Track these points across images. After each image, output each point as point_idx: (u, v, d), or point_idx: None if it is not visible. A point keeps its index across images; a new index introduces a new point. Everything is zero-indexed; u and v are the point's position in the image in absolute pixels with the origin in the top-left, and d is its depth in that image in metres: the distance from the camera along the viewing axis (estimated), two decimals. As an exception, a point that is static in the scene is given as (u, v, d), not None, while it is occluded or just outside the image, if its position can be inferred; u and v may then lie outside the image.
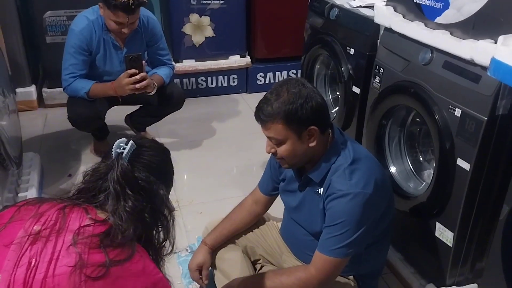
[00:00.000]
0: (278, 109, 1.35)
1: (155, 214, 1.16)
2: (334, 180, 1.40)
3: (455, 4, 1.62)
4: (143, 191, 1.13)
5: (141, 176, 1.14)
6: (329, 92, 2.88)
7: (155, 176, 1.17)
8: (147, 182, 1.15)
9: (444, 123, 1.66)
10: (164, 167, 1.23)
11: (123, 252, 1.01)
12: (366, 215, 1.37)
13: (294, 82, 1.40)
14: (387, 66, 1.99)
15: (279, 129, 1.37)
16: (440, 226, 1.75)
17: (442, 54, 1.68)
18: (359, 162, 1.41)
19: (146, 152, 1.19)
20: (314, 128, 1.38)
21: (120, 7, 2.39)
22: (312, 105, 1.36)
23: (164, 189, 1.19)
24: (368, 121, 2.14)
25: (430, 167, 1.98)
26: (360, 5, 2.41)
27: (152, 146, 1.24)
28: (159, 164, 1.21)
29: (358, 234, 1.37)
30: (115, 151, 1.16)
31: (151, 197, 1.15)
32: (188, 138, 3.25)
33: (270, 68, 3.94)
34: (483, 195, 1.63)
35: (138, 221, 1.09)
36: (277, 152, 1.42)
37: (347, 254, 1.39)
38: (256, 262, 1.75)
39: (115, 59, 2.68)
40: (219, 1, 3.59)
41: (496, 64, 1.34)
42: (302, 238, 1.59)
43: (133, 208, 1.09)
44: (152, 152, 1.21)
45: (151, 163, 1.18)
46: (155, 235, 1.18)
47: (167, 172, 1.26)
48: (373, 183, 1.38)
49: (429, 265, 1.88)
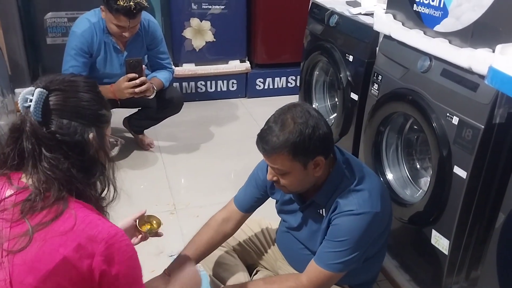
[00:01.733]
0: (285, 142, 1.28)
1: (86, 164, 1.03)
2: (342, 202, 1.36)
3: (454, 12, 1.63)
4: (64, 145, 0.99)
5: (57, 129, 0.99)
6: (327, 98, 2.89)
7: (79, 121, 1.01)
8: (68, 134, 1.00)
9: (441, 130, 1.66)
10: (87, 106, 1.04)
11: (50, 212, 0.95)
12: (369, 235, 1.36)
13: (299, 111, 1.32)
14: (385, 73, 2.00)
15: (285, 160, 1.30)
16: (436, 233, 1.75)
17: (441, 62, 1.69)
18: (364, 181, 1.39)
19: (60, 96, 1.01)
20: (321, 159, 1.34)
21: (122, 11, 2.40)
22: (319, 136, 1.30)
23: (94, 131, 1.04)
24: (366, 128, 2.15)
25: (427, 175, 1.99)
26: (360, 13, 2.43)
27: (67, 85, 1.03)
28: (78, 105, 1.03)
29: (357, 254, 1.36)
30: (22, 105, 0.99)
31: (76, 149, 1.01)
32: (187, 141, 3.25)
33: (270, 74, 3.95)
34: (479, 203, 1.63)
35: (63, 179, 0.98)
36: (280, 181, 1.37)
37: (342, 270, 1.38)
38: (251, 267, 1.75)
39: (116, 62, 2.69)
40: (220, 6, 3.61)
41: (494, 72, 1.35)
42: (299, 251, 1.57)
43: (52, 169, 0.98)
44: (68, 94, 1.02)
45: (69, 108, 1.01)
46: (90, 186, 1.05)
47: (94, 110, 1.06)
48: (380, 201, 1.37)
49: (424, 273, 1.88)
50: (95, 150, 1.05)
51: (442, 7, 1.68)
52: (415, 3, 1.82)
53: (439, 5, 1.69)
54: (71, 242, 0.94)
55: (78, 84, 1.05)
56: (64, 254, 0.93)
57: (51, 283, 0.93)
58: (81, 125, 1.02)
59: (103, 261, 0.96)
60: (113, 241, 0.97)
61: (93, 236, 0.95)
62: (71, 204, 0.98)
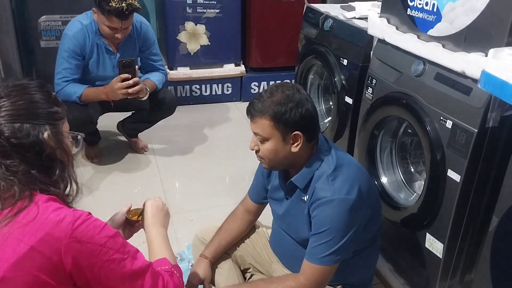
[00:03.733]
0: (268, 107, 1.38)
1: (45, 163, 1.04)
2: (318, 187, 1.41)
3: (447, 17, 1.64)
4: (20, 149, 1.00)
5: (11, 134, 0.99)
6: (322, 102, 2.89)
7: (31, 122, 1.02)
8: (22, 137, 1.00)
9: (435, 134, 1.67)
10: (37, 106, 1.05)
11: (14, 208, 0.97)
12: (351, 221, 1.37)
13: (290, 86, 1.43)
14: (379, 77, 2.01)
15: (266, 125, 1.39)
16: (430, 237, 1.76)
17: (434, 66, 1.70)
18: (342, 168, 1.42)
19: (7, 101, 1.01)
20: (299, 134, 1.40)
21: (114, 13, 2.40)
22: (301, 111, 1.38)
23: (49, 129, 1.04)
24: (360, 132, 2.15)
25: (421, 178, 1.99)
26: (354, 17, 2.44)
27: (13, 89, 1.04)
28: (28, 107, 1.03)
29: (344, 241, 1.37)
30: None
31: (33, 150, 1.01)
32: (181, 145, 3.24)
33: (264, 77, 3.96)
34: (473, 207, 1.64)
35: (24, 181, 0.99)
36: (260, 150, 1.44)
37: (335, 261, 1.39)
38: (246, 271, 1.75)
39: (108, 64, 2.69)
40: (214, 10, 3.61)
41: (487, 76, 1.36)
42: (290, 248, 1.59)
43: (11, 174, 0.99)
44: (16, 97, 1.02)
45: (18, 111, 1.01)
46: (53, 184, 1.05)
47: (44, 108, 1.05)
48: (356, 189, 1.38)
49: (418, 276, 1.88)
50: (52, 149, 1.05)
51: (435, 11, 1.69)
52: (408, 8, 1.83)
53: (433, 9, 1.70)
54: (36, 231, 0.95)
55: (25, 86, 1.06)
56: (30, 244, 0.94)
57: (22, 273, 0.94)
58: (34, 126, 1.02)
59: (73, 243, 0.97)
60: (79, 222, 0.99)
61: (58, 221, 0.97)
62: (36, 197, 0.99)
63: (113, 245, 1.03)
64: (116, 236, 1.06)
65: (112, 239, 1.04)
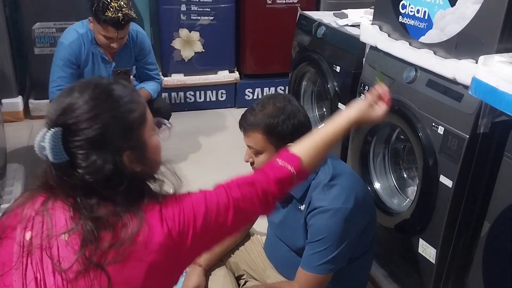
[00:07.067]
0: (260, 120, 1.38)
1: (132, 188, 0.93)
2: (315, 196, 1.41)
3: (438, 24, 1.66)
4: (100, 184, 0.88)
5: (85, 170, 0.86)
6: (315, 108, 2.90)
7: (113, 146, 0.88)
8: (98, 170, 0.86)
9: (427, 140, 1.68)
10: (118, 127, 0.90)
11: (118, 234, 0.88)
12: (347, 230, 1.38)
13: (281, 98, 1.43)
14: (372, 84, 2.02)
15: (258, 139, 1.39)
16: (423, 242, 1.76)
17: (426, 73, 1.71)
18: (338, 178, 1.42)
19: (81, 128, 0.86)
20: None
21: (110, 22, 2.40)
22: (294, 123, 1.38)
23: (132, 148, 0.92)
24: (353, 138, 2.16)
25: (414, 184, 2.00)
26: (347, 24, 2.46)
27: (85, 112, 0.87)
28: (108, 130, 0.88)
29: (339, 250, 1.37)
30: (41, 153, 0.86)
31: (115, 181, 0.89)
32: (175, 151, 3.23)
33: (259, 84, 3.96)
34: (465, 212, 1.65)
35: (113, 213, 0.90)
36: (254, 162, 1.44)
37: (330, 270, 1.39)
38: (240, 278, 1.74)
39: (104, 73, 2.68)
40: (208, 17, 3.62)
41: (477, 83, 1.38)
42: (285, 255, 1.58)
43: (90, 215, 0.88)
44: (89, 123, 0.86)
45: (96, 138, 0.86)
46: (150, 196, 0.98)
47: (126, 127, 0.91)
48: (353, 199, 1.38)
49: (412, 282, 1.88)
50: (134, 166, 0.93)
51: (426, 18, 1.71)
52: (400, 15, 1.85)
53: (424, 17, 1.72)
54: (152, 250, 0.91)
55: (106, 102, 0.91)
56: (148, 261, 0.90)
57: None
58: (118, 148, 0.89)
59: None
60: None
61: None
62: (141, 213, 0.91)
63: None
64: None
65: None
